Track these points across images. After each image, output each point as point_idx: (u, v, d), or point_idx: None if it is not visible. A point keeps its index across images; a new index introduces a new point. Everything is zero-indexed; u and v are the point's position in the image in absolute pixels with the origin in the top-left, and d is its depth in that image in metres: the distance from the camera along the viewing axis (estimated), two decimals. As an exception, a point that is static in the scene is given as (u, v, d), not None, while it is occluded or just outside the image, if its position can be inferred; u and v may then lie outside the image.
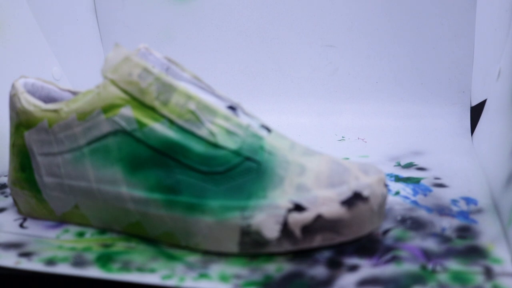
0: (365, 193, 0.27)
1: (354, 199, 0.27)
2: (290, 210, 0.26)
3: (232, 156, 0.28)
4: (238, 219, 0.27)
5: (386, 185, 0.28)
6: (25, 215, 0.34)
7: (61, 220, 0.33)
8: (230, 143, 0.28)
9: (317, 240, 0.27)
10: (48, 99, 0.35)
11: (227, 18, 0.55)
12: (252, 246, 0.27)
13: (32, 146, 0.32)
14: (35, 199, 0.33)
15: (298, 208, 0.26)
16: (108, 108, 0.29)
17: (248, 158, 0.28)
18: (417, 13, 0.50)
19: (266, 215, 0.27)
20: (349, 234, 0.27)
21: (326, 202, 0.26)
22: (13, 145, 0.33)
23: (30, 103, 0.32)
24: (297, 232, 0.27)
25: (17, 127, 0.33)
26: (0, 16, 0.45)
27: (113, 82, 0.29)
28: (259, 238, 0.27)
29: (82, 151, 0.30)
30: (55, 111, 0.31)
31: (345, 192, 0.27)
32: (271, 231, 0.27)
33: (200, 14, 0.55)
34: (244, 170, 0.28)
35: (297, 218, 0.26)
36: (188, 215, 0.28)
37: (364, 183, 0.27)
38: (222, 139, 0.28)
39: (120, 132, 0.29)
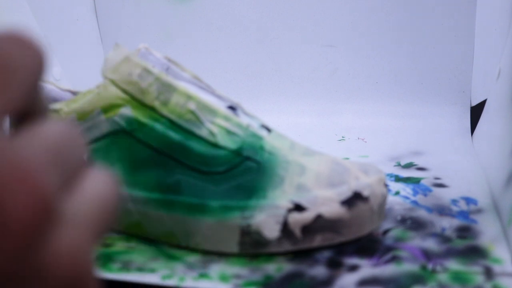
0: (365, 193, 0.27)
1: (354, 199, 0.27)
2: (290, 210, 0.26)
3: (232, 156, 0.28)
4: (238, 219, 0.27)
5: (386, 185, 0.28)
6: None
7: None
8: (230, 143, 0.28)
9: (317, 240, 0.27)
10: (48, 99, 0.35)
11: (227, 18, 0.55)
12: (252, 246, 0.27)
13: None
14: None
15: (298, 208, 0.26)
16: (108, 108, 0.29)
17: (248, 158, 0.28)
18: (417, 13, 0.50)
19: (266, 215, 0.27)
20: (349, 234, 0.27)
21: (326, 202, 0.26)
22: None
23: None
24: (297, 232, 0.27)
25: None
26: (0, 16, 0.45)
27: (113, 82, 0.29)
28: (259, 238, 0.27)
29: None
30: (55, 111, 0.31)
31: (345, 192, 0.27)
32: (271, 231, 0.27)
33: (200, 14, 0.55)
34: (244, 170, 0.28)
35: (297, 218, 0.26)
36: (188, 215, 0.28)
37: (364, 183, 0.27)
38: (222, 139, 0.28)
39: (120, 132, 0.29)
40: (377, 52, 0.52)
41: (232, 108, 0.30)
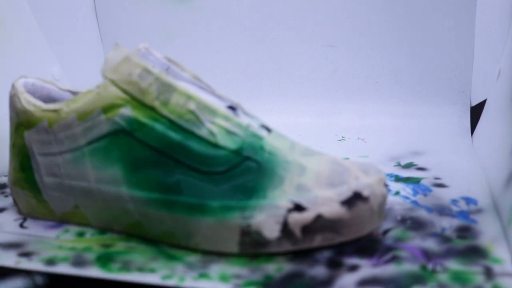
0: (365, 193, 0.27)
1: (354, 199, 0.27)
2: (290, 210, 0.26)
3: (232, 156, 0.28)
4: (238, 219, 0.27)
5: (386, 185, 0.28)
6: (25, 215, 0.34)
7: (61, 220, 0.33)
8: (230, 143, 0.28)
9: (317, 240, 0.27)
10: (48, 99, 0.35)
11: (227, 18, 0.55)
12: (252, 246, 0.27)
13: (32, 146, 0.32)
14: (35, 199, 0.33)
15: (298, 208, 0.27)
16: (108, 108, 0.29)
17: (248, 158, 0.28)
18: (417, 13, 0.50)
19: (266, 215, 0.27)
20: (349, 234, 0.27)
21: (326, 202, 0.26)
22: (13, 145, 0.33)
23: (30, 103, 0.32)
24: (297, 232, 0.27)
25: (17, 127, 0.33)
26: (0, 16, 0.45)
27: (113, 82, 0.29)
28: (259, 238, 0.27)
29: (82, 151, 0.30)
30: (55, 111, 0.31)
31: (345, 192, 0.27)
32: (271, 231, 0.27)
33: (200, 14, 0.55)
34: (244, 170, 0.28)
35: (297, 218, 0.26)
36: (188, 215, 0.28)
37: (364, 183, 0.27)
38: (222, 139, 0.28)
39: (120, 132, 0.29)
40: (377, 52, 0.52)
41: (232, 108, 0.30)
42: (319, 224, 0.26)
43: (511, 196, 0.28)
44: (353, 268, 0.26)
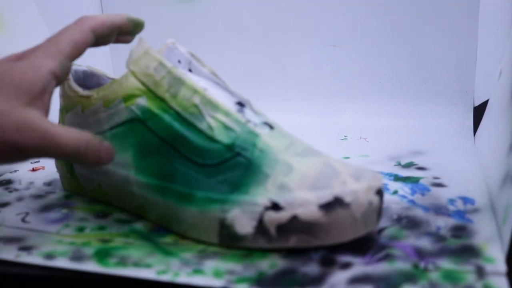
0: (347, 199, 0.26)
1: (334, 204, 0.26)
2: (267, 208, 0.27)
3: (224, 150, 0.29)
4: (218, 212, 0.28)
5: (379, 193, 0.27)
6: (67, 190, 0.37)
7: (91, 197, 0.36)
8: (225, 138, 0.29)
9: (293, 241, 0.27)
10: (98, 86, 0.38)
11: (230, 19, 0.55)
12: (229, 239, 0.28)
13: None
14: (69, 175, 0.36)
15: (275, 207, 0.27)
16: (128, 98, 0.31)
17: (239, 154, 0.28)
18: (420, 13, 0.50)
19: (241, 211, 0.27)
20: (326, 238, 0.26)
21: (304, 204, 0.26)
22: None
23: (71, 89, 0.34)
24: (272, 230, 0.27)
25: (61, 110, 0.36)
26: (7, 15, 0.46)
27: (133, 74, 0.31)
28: (232, 232, 0.27)
29: (105, 135, 0.32)
30: (87, 97, 0.33)
31: (326, 196, 0.26)
32: (244, 226, 0.27)
33: (204, 15, 0.56)
34: (234, 165, 0.28)
35: (272, 217, 0.27)
36: (177, 203, 0.29)
37: (349, 189, 0.26)
38: (219, 133, 0.29)
39: (135, 120, 0.31)
40: (380, 52, 0.52)
41: (241, 104, 0.31)
42: (294, 225, 0.26)
43: (506, 195, 0.28)
44: (346, 265, 0.26)
